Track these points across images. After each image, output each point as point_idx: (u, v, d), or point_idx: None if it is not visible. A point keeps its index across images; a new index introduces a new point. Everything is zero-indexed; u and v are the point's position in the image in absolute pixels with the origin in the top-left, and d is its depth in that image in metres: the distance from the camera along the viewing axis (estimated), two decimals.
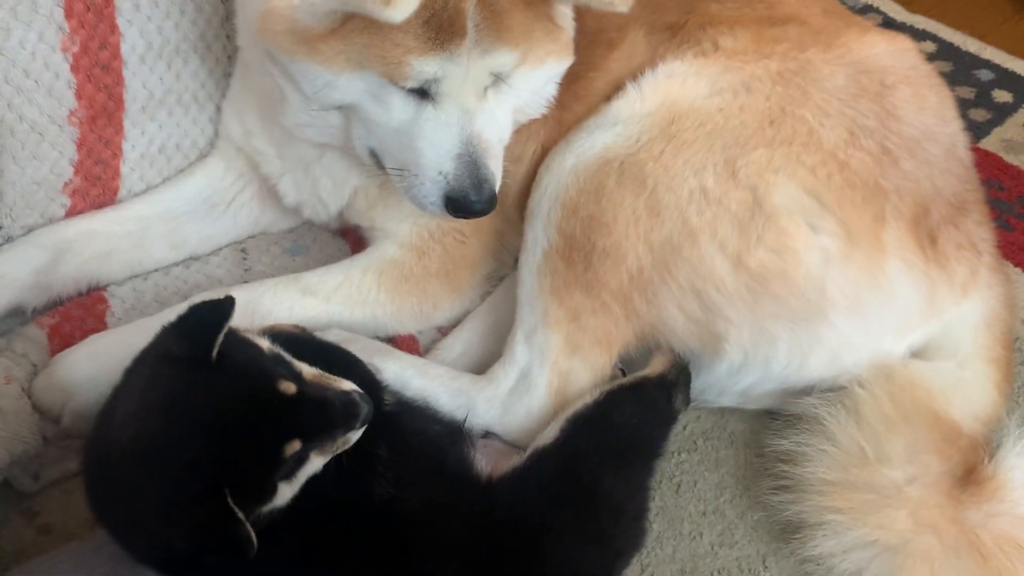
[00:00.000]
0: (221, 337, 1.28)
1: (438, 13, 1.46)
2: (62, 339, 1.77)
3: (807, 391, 1.74)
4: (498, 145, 1.60)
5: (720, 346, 1.69)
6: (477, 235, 1.86)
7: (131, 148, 1.90)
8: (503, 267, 1.94)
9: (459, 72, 1.51)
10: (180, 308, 1.36)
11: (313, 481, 1.34)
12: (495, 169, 1.58)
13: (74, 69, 1.73)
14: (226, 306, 1.31)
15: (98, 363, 1.65)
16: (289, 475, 1.31)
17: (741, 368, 1.71)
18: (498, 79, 1.58)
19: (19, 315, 1.80)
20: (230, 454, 1.26)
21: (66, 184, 1.83)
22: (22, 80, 1.67)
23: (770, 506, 1.70)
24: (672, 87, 1.72)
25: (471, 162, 1.55)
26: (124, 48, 1.79)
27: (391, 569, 1.39)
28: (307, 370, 1.37)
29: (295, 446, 1.29)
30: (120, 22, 1.77)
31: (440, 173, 1.56)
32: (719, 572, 1.66)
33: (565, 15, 1.66)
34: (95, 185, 1.88)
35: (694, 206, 1.64)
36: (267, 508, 1.31)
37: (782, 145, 1.65)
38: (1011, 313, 1.81)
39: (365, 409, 1.33)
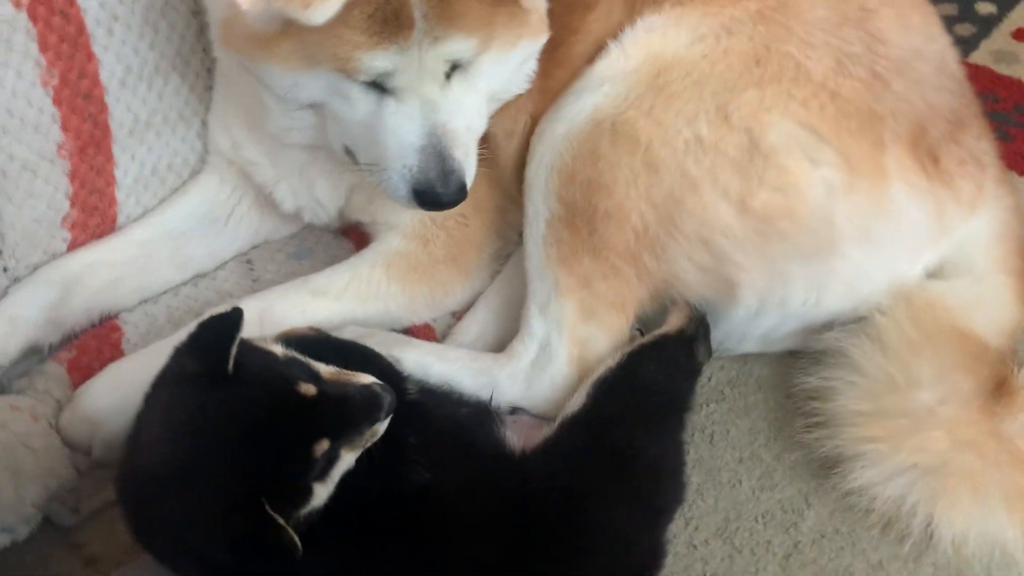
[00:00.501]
0: (234, 349, 1.28)
1: (382, 6, 1.43)
2: (81, 372, 1.77)
3: (828, 326, 1.74)
4: (466, 134, 1.57)
5: (735, 292, 1.68)
6: (479, 215, 1.85)
7: (123, 174, 1.89)
8: (509, 244, 1.93)
9: (412, 64, 1.48)
10: (192, 327, 1.36)
11: (348, 477, 1.35)
12: (463, 159, 1.55)
13: (56, 102, 1.73)
14: (235, 318, 1.30)
15: (120, 391, 1.65)
16: (322, 475, 1.31)
17: (759, 312, 1.71)
18: (462, 66, 1.55)
19: (37, 354, 1.80)
20: (261, 462, 1.26)
21: (64, 218, 1.82)
22: (6, 119, 1.67)
23: (806, 444, 1.69)
24: (654, 40, 1.71)
25: (436, 153, 1.53)
26: (103, 75, 1.78)
27: (434, 554, 1.39)
28: (324, 369, 1.37)
29: (324, 445, 1.29)
30: (96, 49, 1.76)
31: (405, 166, 1.54)
32: (763, 516, 1.66)
33: None
34: (93, 215, 1.87)
35: (691, 156, 1.63)
36: (305, 510, 1.31)
37: (771, 83, 1.63)
38: (1022, 222, 1.80)
39: (387, 399, 1.33)
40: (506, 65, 1.62)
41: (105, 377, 1.70)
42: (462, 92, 1.56)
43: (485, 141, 1.81)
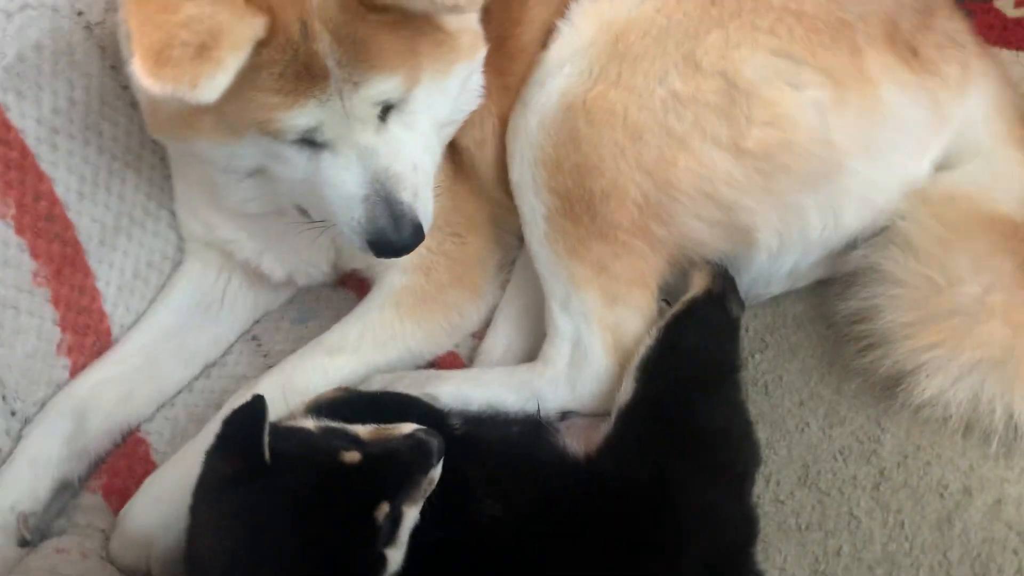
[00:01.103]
0: (266, 438, 1.23)
1: (291, 63, 1.36)
2: (118, 495, 1.70)
3: (851, 247, 1.69)
4: (413, 173, 1.49)
5: (752, 238, 1.63)
6: (475, 231, 1.79)
7: (106, 285, 1.83)
8: (510, 251, 1.87)
9: (336, 114, 1.41)
10: (217, 421, 1.32)
11: (418, 531, 1.29)
12: (412, 200, 1.47)
13: (19, 231, 1.66)
14: (258, 406, 1.25)
15: (163, 504, 1.59)
16: (391, 539, 1.26)
17: (780, 251, 1.66)
18: (396, 105, 1.47)
19: (68, 490, 1.73)
20: (326, 544, 1.21)
21: (59, 345, 1.75)
22: None
23: (863, 370, 1.65)
24: (602, 9, 1.66)
25: (382, 201, 1.45)
26: (59, 191, 1.71)
27: None
28: (363, 430, 1.32)
29: (384, 509, 1.24)
30: (44, 167, 1.69)
31: (353, 218, 1.47)
32: (840, 453, 1.61)
33: (455, 17, 1.52)
34: (87, 335, 1.80)
35: (672, 114, 1.58)
36: None
37: (732, 20, 1.59)
38: (1013, 90, 1.76)
39: (435, 444, 1.28)
40: (446, 92, 1.54)
41: (144, 494, 1.64)
42: (401, 131, 1.49)
43: (457, 155, 1.77)
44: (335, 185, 1.46)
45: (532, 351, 1.75)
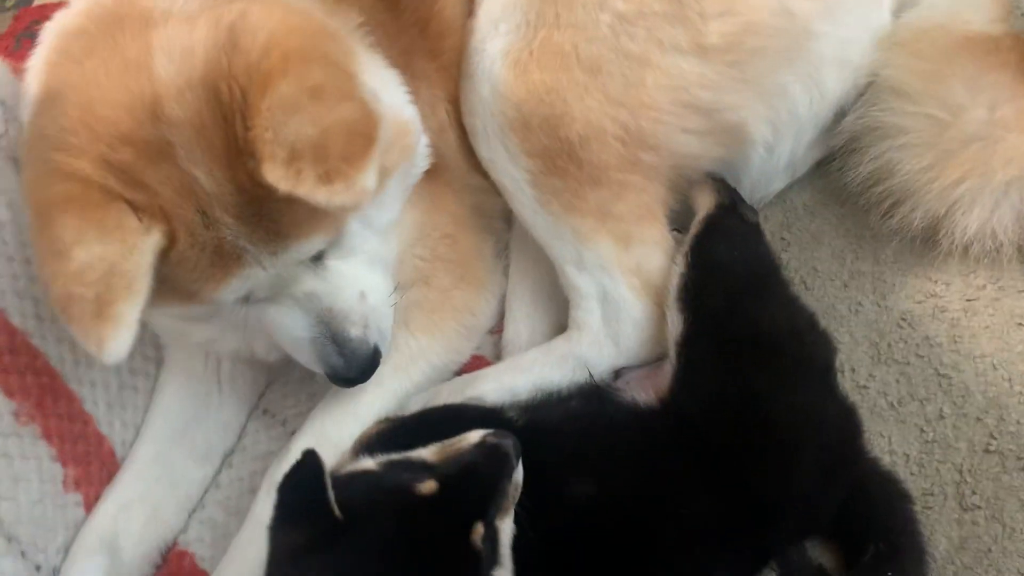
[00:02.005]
0: (330, 493, 1.11)
1: (201, 253, 1.30)
2: None
3: (839, 117, 1.63)
4: (361, 303, 1.43)
5: (744, 134, 1.56)
6: (460, 225, 1.69)
7: (94, 405, 1.68)
8: (502, 235, 1.77)
9: (263, 279, 1.35)
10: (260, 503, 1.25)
11: (521, 538, 1.19)
12: (362, 333, 1.42)
13: None
14: (311, 462, 1.13)
15: None
16: (494, 559, 1.15)
17: (775, 140, 1.59)
18: (326, 249, 1.39)
19: None
20: None
21: (64, 481, 1.60)
22: None
23: (895, 231, 1.59)
24: None
25: (329, 341, 1.41)
26: (15, 320, 1.57)
27: (652, 544, 1.23)
28: (427, 453, 1.21)
29: (479, 531, 1.13)
30: None
31: (304, 357, 1.44)
32: (903, 319, 1.54)
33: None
34: (91, 463, 1.66)
35: (624, 36, 1.51)
36: None
37: None
38: None
39: (509, 443, 1.18)
40: (384, 205, 1.46)
41: None
42: (340, 263, 1.42)
43: None
44: (283, 331, 1.43)
45: (557, 327, 1.65)
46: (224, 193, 1.26)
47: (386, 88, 1.45)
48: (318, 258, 1.39)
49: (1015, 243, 1.48)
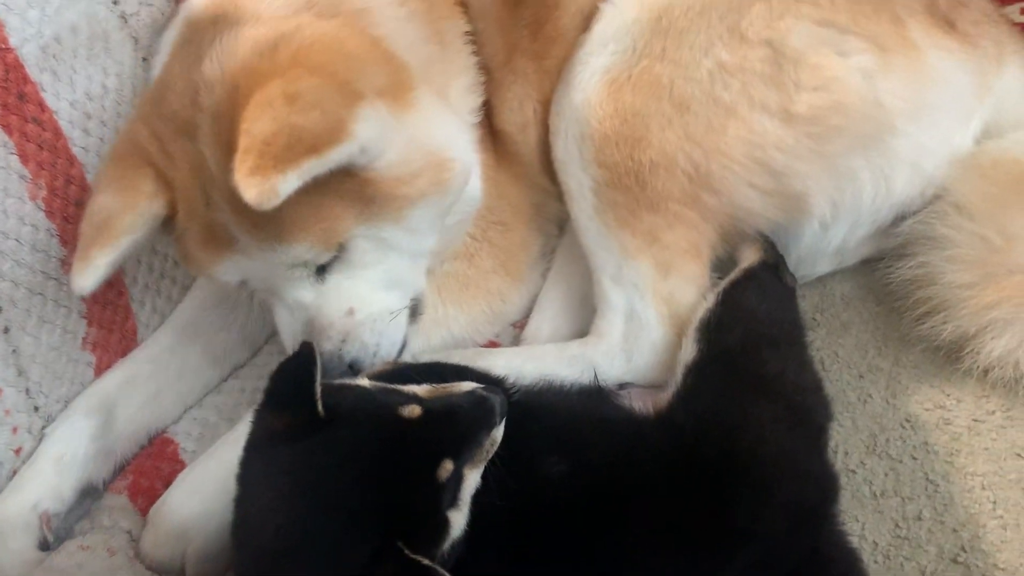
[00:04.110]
0: (318, 388, 1.15)
1: (199, 228, 1.42)
2: (144, 495, 1.61)
3: (899, 220, 1.68)
4: (345, 319, 1.44)
5: (805, 204, 1.61)
6: (518, 217, 1.76)
7: (132, 281, 1.76)
8: (552, 239, 1.84)
9: (258, 271, 1.43)
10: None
11: (481, 494, 1.22)
12: (336, 347, 1.44)
13: (49, 215, 1.60)
14: (308, 353, 1.16)
15: (202, 493, 1.50)
16: (453, 501, 1.18)
17: (833, 219, 1.64)
18: (330, 263, 1.43)
19: (92, 494, 1.63)
20: (386, 503, 1.12)
21: (84, 339, 1.68)
22: (2, 243, 1.53)
23: (922, 337, 1.61)
24: None
25: None
26: (90, 178, 1.66)
27: (611, 535, 1.25)
28: (420, 390, 1.24)
29: (447, 467, 1.16)
30: (76, 151, 1.64)
31: None
32: (907, 421, 1.56)
33: (396, 162, 1.39)
34: (112, 332, 1.73)
35: (719, 84, 1.58)
36: (446, 544, 1.17)
37: None
38: None
39: (498, 400, 1.21)
40: (414, 231, 1.47)
41: (181, 486, 1.54)
42: (342, 279, 1.45)
43: (500, 141, 1.75)
44: (278, 324, 1.51)
45: (578, 335, 1.69)
46: (224, 180, 1.32)
47: (441, 127, 1.49)
48: (322, 271, 1.43)
49: None
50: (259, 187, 1.21)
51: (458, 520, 1.19)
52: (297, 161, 1.23)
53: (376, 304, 1.48)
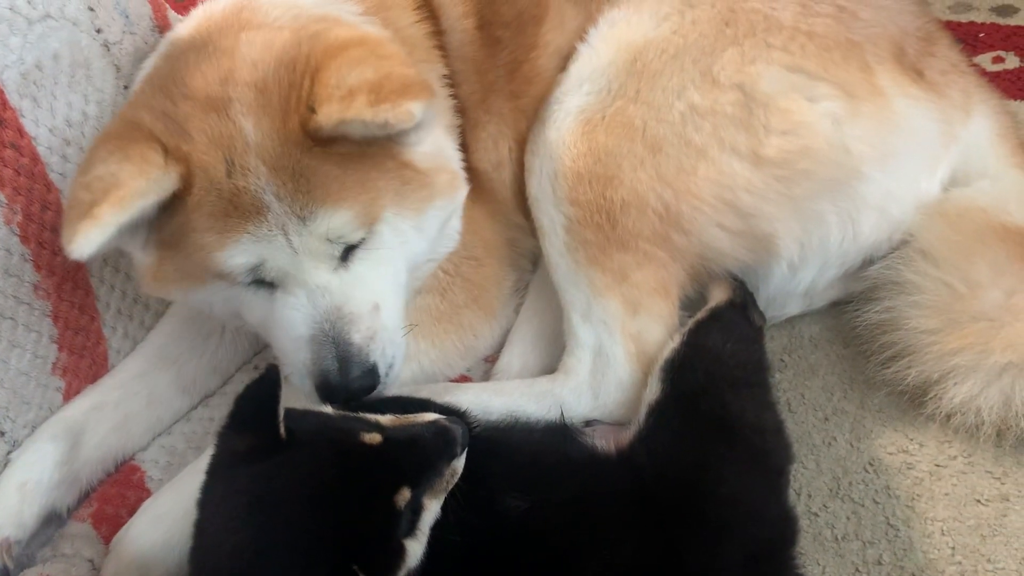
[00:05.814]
0: (281, 410, 1.15)
1: (216, 202, 1.36)
2: (108, 523, 1.60)
3: (866, 264, 1.70)
4: (372, 314, 1.41)
5: (773, 246, 1.64)
6: (491, 253, 1.78)
7: (105, 307, 1.77)
8: (525, 275, 1.86)
9: (280, 251, 1.37)
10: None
11: (443, 526, 1.22)
12: (366, 343, 1.39)
13: (24, 240, 1.60)
14: (272, 378, 1.17)
15: (164, 523, 1.50)
16: (411, 529, 1.19)
17: (801, 261, 1.66)
18: (362, 244, 1.42)
19: (55, 521, 1.62)
20: (343, 527, 1.13)
21: (54, 364, 1.67)
22: None
23: (887, 382, 1.63)
24: (620, 32, 1.70)
25: (329, 341, 1.38)
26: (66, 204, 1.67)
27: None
28: (384, 418, 1.25)
29: (405, 495, 1.16)
30: (53, 178, 1.65)
31: (299, 360, 1.40)
32: (870, 465, 1.57)
33: (427, 154, 1.47)
34: (83, 356, 1.73)
35: (690, 126, 1.60)
36: (403, 572, 1.17)
37: (746, 38, 1.64)
38: (1011, 118, 1.82)
39: (459, 430, 1.23)
40: (423, 231, 1.49)
41: (144, 515, 1.54)
42: (366, 269, 1.42)
43: (475, 178, 1.77)
44: (283, 325, 1.41)
45: (549, 370, 1.70)
46: (267, 143, 1.35)
47: (448, 144, 1.59)
48: (345, 257, 1.42)
49: (996, 424, 1.51)
50: (393, 109, 1.29)
51: (415, 549, 1.19)
52: (422, 94, 1.33)
53: (396, 309, 1.47)
